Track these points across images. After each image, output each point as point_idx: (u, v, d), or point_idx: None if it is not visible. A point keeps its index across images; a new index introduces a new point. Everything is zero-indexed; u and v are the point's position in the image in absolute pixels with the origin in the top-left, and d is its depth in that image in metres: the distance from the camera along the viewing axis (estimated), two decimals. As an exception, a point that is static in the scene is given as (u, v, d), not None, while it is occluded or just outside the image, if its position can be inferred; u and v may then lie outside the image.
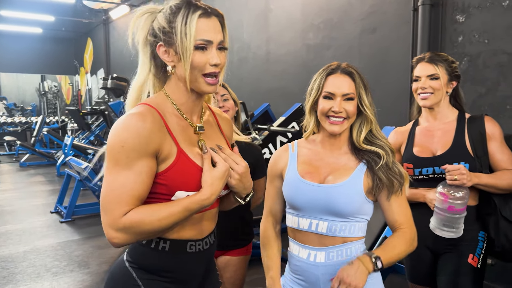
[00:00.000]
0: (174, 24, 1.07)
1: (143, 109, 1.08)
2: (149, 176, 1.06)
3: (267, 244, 1.52)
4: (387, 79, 4.01)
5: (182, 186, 1.09)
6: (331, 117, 1.36)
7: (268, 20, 5.70)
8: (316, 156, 1.43)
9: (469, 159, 1.74)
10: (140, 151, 1.03)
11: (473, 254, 1.75)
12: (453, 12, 3.50)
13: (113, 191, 1.03)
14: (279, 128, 4.27)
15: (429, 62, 1.83)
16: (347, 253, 1.36)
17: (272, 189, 1.52)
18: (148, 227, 1.04)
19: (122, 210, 1.02)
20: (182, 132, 1.14)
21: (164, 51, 1.11)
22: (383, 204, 1.39)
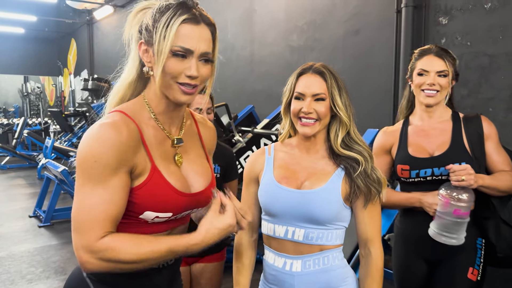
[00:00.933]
0: (157, 24, 0.98)
1: (118, 118, 0.98)
2: (126, 193, 0.97)
3: (239, 255, 1.45)
4: (370, 81, 4.00)
5: (151, 207, 1.01)
6: (302, 118, 1.31)
7: (252, 20, 5.65)
8: (292, 160, 1.38)
9: (468, 159, 1.64)
10: (115, 166, 0.94)
11: (472, 267, 1.65)
12: (436, 14, 3.51)
13: (87, 210, 0.94)
14: (263, 131, 4.22)
15: (438, 56, 1.68)
16: (324, 262, 1.31)
17: (248, 195, 1.44)
18: (125, 257, 0.94)
19: (99, 232, 0.93)
20: (158, 146, 1.05)
21: (145, 50, 1.02)
22: (357, 212, 1.34)
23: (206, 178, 1.15)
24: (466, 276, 1.64)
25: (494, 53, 3.14)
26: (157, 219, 1.04)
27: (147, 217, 1.02)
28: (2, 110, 14.56)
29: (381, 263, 1.34)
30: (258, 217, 1.45)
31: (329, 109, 1.31)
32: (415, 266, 1.76)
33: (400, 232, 1.82)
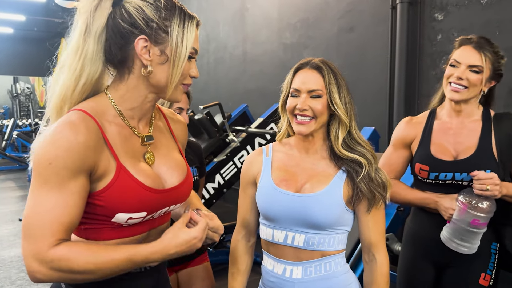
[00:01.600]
0: (170, 23, 0.96)
1: (76, 117, 0.92)
2: (82, 198, 0.91)
3: (235, 260, 1.39)
4: (365, 78, 3.95)
5: (122, 208, 0.95)
6: (298, 115, 1.24)
7: (244, 19, 5.59)
8: (292, 161, 1.31)
9: (494, 166, 1.51)
10: (72, 169, 0.89)
11: (485, 272, 1.58)
12: (432, 10, 3.47)
13: (39, 215, 0.87)
14: (257, 130, 4.16)
15: (476, 48, 1.52)
16: (326, 268, 1.25)
17: (245, 198, 1.38)
18: (80, 268, 0.88)
19: (51, 240, 0.87)
20: (123, 144, 1.00)
21: (145, 47, 0.95)
22: (360, 217, 1.28)
23: (181, 172, 1.10)
24: (477, 282, 1.57)
25: (490, 50, 3.11)
26: (131, 221, 0.98)
27: (119, 219, 0.96)
28: (-8, 111, 14.40)
29: (386, 269, 1.28)
30: (255, 222, 1.39)
31: (327, 107, 1.23)
32: (422, 269, 1.69)
33: (411, 232, 1.74)
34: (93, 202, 0.94)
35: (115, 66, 1.01)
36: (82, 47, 0.96)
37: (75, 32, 0.97)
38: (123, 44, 0.97)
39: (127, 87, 1.00)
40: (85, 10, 0.96)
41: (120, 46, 0.97)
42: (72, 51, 0.97)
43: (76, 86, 0.97)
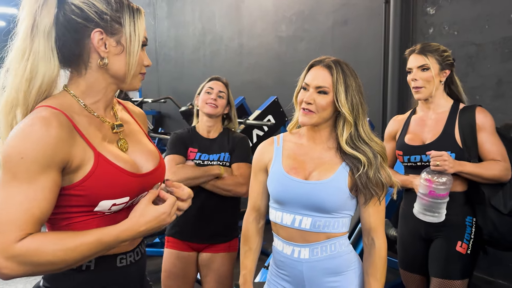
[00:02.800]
0: (122, 15, 1.00)
1: (46, 112, 0.91)
2: (53, 192, 0.90)
3: (247, 240, 1.52)
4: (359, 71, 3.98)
5: (105, 195, 0.96)
6: (304, 108, 1.35)
7: (240, 11, 5.65)
8: (301, 150, 1.42)
9: (456, 149, 1.78)
10: (44, 163, 0.87)
11: (461, 241, 1.80)
12: (424, 4, 3.57)
13: (7, 210, 0.85)
14: (255, 122, 4.25)
15: (419, 53, 1.85)
16: (331, 249, 1.37)
17: (256, 184, 1.50)
18: (49, 257, 0.86)
19: (18, 234, 0.84)
20: (96, 133, 1.01)
21: (101, 39, 0.98)
22: (361, 203, 1.40)
23: (154, 157, 1.14)
24: (454, 249, 1.79)
25: (481, 42, 3.23)
26: (114, 207, 0.99)
27: (103, 207, 0.97)
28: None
29: (384, 253, 1.40)
30: (265, 205, 1.51)
31: (331, 104, 1.33)
32: (413, 242, 1.94)
33: (403, 213, 2.00)
34: (73, 194, 0.94)
35: (71, 64, 1.02)
36: (30, 47, 0.94)
37: (19, 34, 0.96)
38: (78, 39, 0.98)
39: (86, 81, 1.02)
40: (30, 10, 0.95)
41: (76, 41, 0.98)
42: (18, 54, 0.95)
43: (31, 88, 0.95)
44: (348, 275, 1.39)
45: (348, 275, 1.39)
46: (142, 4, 7.71)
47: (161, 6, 7.28)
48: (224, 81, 2.17)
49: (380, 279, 1.38)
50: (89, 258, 0.93)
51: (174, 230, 2.07)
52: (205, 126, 2.11)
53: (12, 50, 0.97)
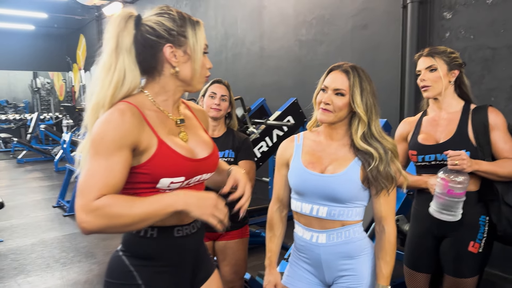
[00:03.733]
0: (185, 29, 1.21)
1: (122, 105, 1.16)
2: (124, 167, 1.12)
3: (271, 227, 1.69)
4: (378, 74, 4.17)
5: (165, 174, 1.17)
6: (322, 108, 1.51)
7: (261, 16, 5.83)
8: (318, 147, 1.58)
9: (470, 147, 1.82)
10: (118, 143, 1.10)
11: (473, 241, 1.85)
12: (441, 9, 3.67)
13: (89, 177, 1.08)
14: (276, 122, 4.41)
15: (426, 55, 1.93)
16: (346, 235, 1.52)
17: (279, 177, 1.67)
18: (118, 211, 1.06)
19: (95, 194, 1.05)
20: (161, 125, 1.23)
21: (171, 52, 1.20)
22: (372, 195, 1.54)
23: (209, 147, 1.35)
24: (466, 249, 1.85)
25: (496, 46, 3.32)
26: (172, 185, 1.20)
27: (163, 184, 1.18)
28: (13, 105, 14.84)
29: (393, 238, 1.53)
30: (288, 196, 1.68)
31: (348, 105, 1.48)
32: (424, 242, 1.97)
33: (414, 212, 2.05)
34: (140, 172, 1.16)
35: (147, 72, 1.25)
36: (115, 62, 1.17)
37: (105, 52, 1.19)
38: (154, 53, 1.21)
39: (159, 85, 1.25)
40: (114, 33, 1.18)
41: (152, 55, 1.21)
42: (104, 68, 1.18)
43: (117, 94, 1.17)
44: (361, 259, 1.54)
45: (361, 258, 1.54)
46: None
47: (185, 11, 7.47)
48: (226, 84, 2.36)
49: (390, 262, 1.51)
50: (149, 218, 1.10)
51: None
52: (210, 126, 2.29)
53: (99, 64, 1.20)
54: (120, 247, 1.30)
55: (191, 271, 1.35)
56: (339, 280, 1.55)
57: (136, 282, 1.23)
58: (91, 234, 1.07)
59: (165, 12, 1.23)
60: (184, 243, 1.31)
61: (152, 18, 1.23)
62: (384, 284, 1.49)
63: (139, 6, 9.22)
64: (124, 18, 1.19)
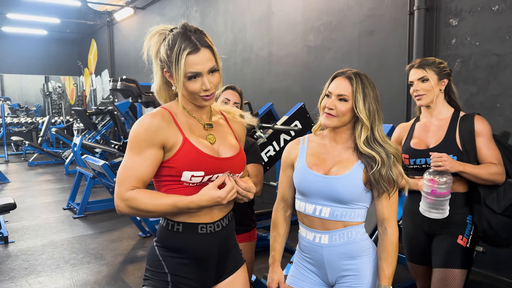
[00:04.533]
0: (171, 59, 1.32)
1: (157, 110, 1.37)
2: (153, 163, 1.32)
3: (276, 226, 1.74)
4: (384, 80, 4.22)
5: (187, 167, 1.33)
6: (326, 112, 1.56)
7: (270, 22, 5.90)
8: (323, 149, 1.62)
9: (457, 152, 1.95)
10: (149, 141, 1.30)
11: (462, 235, 1.98)
12: (447, 16, 3.71)
13: (124, 169, 1.32)
14: (283, 127, 4.46)
15: (418, 67, 2.06)
16: (348, 236, 1.56)
17: (284, 178, 1.72)
18: (143, 206, 1.29)
19: (128, 185, 1.30)
20: (190, 127, 1.39)
21: (169, 75, 1.36)
22: (374, 197, 1.58)
23: (234, 149, 1.45)
24: (456, 241, 1.97)
25: (501, 53, 3.35)
26: (194, 179, 1.34)
27: (185, 177, 1.33)
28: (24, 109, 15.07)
29: (395, 239, 1.56)
30: (292, 197, 1.72)
31: (351, 110, 1.53)
32: (417, 236, 2.12)
33: (407, 209, 2.18)
34: (167, 166, 1.33)
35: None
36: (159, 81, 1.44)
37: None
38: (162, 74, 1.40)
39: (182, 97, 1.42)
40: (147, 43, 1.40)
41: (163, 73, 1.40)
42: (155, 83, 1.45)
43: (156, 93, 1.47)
44: (363, 259, 1.57)
45: (363, 259, 1.57)
46: (177, 15, 8.09)
47: (194, 17, 7.64)
48: (239, 91, 2.40)
49: (392, 262, 1.55)
50: (170, 214, 1.36)
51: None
52: None
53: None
54: (155, 238, 1.47)
55: (215, 265, 1.46)
56: (341, 280, 1.59)
57: (164, 271, 1.39)
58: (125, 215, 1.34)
59: (166, 37, 1.35)
60: (208, 239, 1.42)
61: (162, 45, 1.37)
62: (386, 284, 1.53)
63: (149, 12, 9.35)
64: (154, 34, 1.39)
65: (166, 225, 1.41)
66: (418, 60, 2.10)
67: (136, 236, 4.63)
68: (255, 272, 2.86)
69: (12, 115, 14.55)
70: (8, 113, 14.70)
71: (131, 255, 4.07)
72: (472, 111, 2.07)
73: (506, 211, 1.92)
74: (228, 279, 1.51)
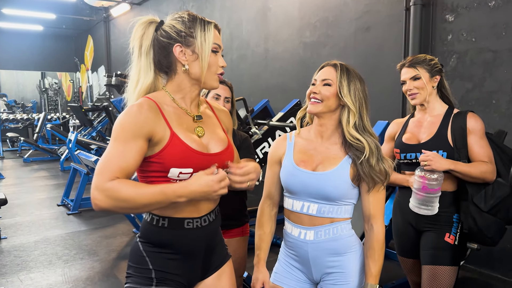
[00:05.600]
0: (194, 30, 1.30)
1: (142, 100, 1.29)
2: (138, 154, 1.23)
3: (261, 225, 1.69)
4: (380, 76, 4.20)
5: (175, 164, 1.26)
6: (311, 98, 1.55)
7: (266, 18, 5.87)
8: (310, 145, 1.59)
9: (448, 148, 1.95)
10: (134, 131, 1.22)
11: (449, 233, 1.98)
12: (443, 12, 3.69)
13: (106, 159, 1.21)
14: (278, 123, 4.44)
15: (409, 66, 2.07)
16: (334, 232, 1.54)
17: (271, 175, 1.68)
18: (125, 195, 1.17)
19: (110, 175, 1.18)
20: (177, 120, 1.32)
21: (181, 51, 1.30)
22: (363, 193, 1.55)
23: (223, 143, 1.41)
24: (443, 239, 1.98)
25: (497, 49, 3.33)
26: (182, 175, 1.28)
27: (173, 174, 1.27)
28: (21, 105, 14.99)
29: (381, 237, 1.53)
30: (278, 194, 1.69)
31: (335, 95, 1.51)
32: (407, 231, 2.13)
33: (397, 204, 2.19)
34: (153, 161, 1.27)
35: (165, 72, 1.37)
36: (139, 63, 1.33)
37: (133, 53, 1.34)
38: (167, 54, 1.32)
39: (176, 83, 1.36)
40: (137, 37, 1.33)
41: (165, 55, 1.33)
42: (133, 66, 1.35)
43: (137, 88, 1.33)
44: (348, 256, 1.55)
45: (348, 256, 1.55)
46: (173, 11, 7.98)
47: (191, 12, 7.59)
48: (229, 85, 2.35)
49: (378, 260, 1.52)
50: (155, 204, 1.22)
51: None
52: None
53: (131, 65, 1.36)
54: (139, 233, 1.41)
55: (202, 260, 1.43)
56: (326, 277, 1.56)
57: (148, 267, 1.34)
58: (102, 210, 1.19)
59: (179, 16, 1.33)
60: (194, 234, 1.38)
61: (168, 22, 1.33)
62: (372, 283, 1.50)
63: (146, 7, 9.30)
64: (145, 24, 1.33)
65: (150, 220, 1.36)
66: (409, 59, 2.10)
67: (130, 232, 4.60)
68: (247, 269, 2.83)
69: (8, 111, 14.49)
70: (4, 109, 14.64)
71: (125, 252, 4.04)
72: (467, 108, 2.08)
73: (492, 210, 1.92)
74: (214, 275, 1.48)
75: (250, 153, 2.31)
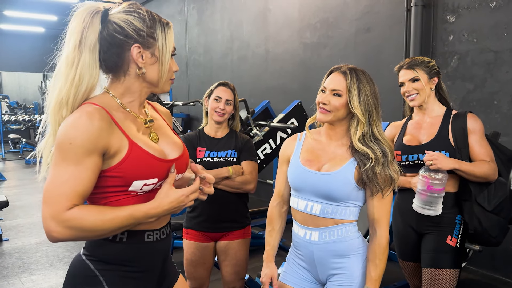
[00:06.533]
0: (155, 30, 1.18)
1: (90, 108, 1.10)
2: (93, 173, 1.08)
3: (271, 221, 1.73)
4: (381, 77, 4.18)
5: (138, 176, 1.14)
6: (320, 107, 1.55)
7: (267, 19, 5.86)
8: (318, 145, 1.61)
9: (449, 148, 1.96)
10: (88, 148, 1.06)
11: (451, 235, 1.98)
12: (444, 13, 3.69)
13: (58, 184, 1.04)
14: (279, 124, 4.43)
15: (407, 68, 2.07)
16: (338, 234, 1.54)
17: (281, 173, 1.71)
18: (90, 224, 1.05)
19: (66, 204, 1.03)
20: (131, 126, 1.19)
21: (139, 53, 1.16)
22: (367, 196, 1.55)
23: (179, 147, 1.31)
24: (445, 242, 1.98)
25: (498, 49, 3.33)
26: (145, 187, 1.16)
27: (136, 187, 1.14)
28: (22, 107, 15.03)
29: (384, 242, 1.52)
30: (288, 193, 1.70)
31: (345, 106, 1.50)
32: (407, 234, 2.13)
33: (397, 206, 2.18)
34: (111, 175, 1.12)
35: (112, 71, 1.20)
36: (79, 58, 1.12)
37: (69, 46, 1.13)
38: (120, 52, 1.16)
39: (125, 86, 1.21)
40: (78, 27, 1.12)
41: (118, 54, 1.16)
42: (67, 62, 1.13)
43: (78, 92, 1.13)
44: (352, 258, 1.55)
45: (353, 258, 1.55)
46: (174, 12, 8.06)
47: (192, 14, 7.59)
48: (232, 87, 2.36)
49: (379, 265, 1.52)
50: (122, 229, 1.11)
51: (191, 223, 2.28)
52: (213, 127, 2.33)
53: (61, 58, 1.15)
54: (82, 251, 1.24)
55: (158, 276, 1.32)
56: (332, 278, 1.57)
57: (102, 287, 1.18)
58: (59, 242, 1.07)
59: (134, 11, 1.18)
60: (154, 248, 1.27)
61: (120, 16, 1.16)
62: (371, 287, 1.51)
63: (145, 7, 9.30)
64: (90, 13, 1.14)
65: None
66: (407, 61, 2.11)
67: (131, 234, 4.59)
68: (249, 271, 2.83)
69: (10, 113, 14.52)
70: (6, 111, 14.68)
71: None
72: (469, 108, 2.08)
73: (496, 209, 1.93)
74: None
75: (252, 155, 2.32)
